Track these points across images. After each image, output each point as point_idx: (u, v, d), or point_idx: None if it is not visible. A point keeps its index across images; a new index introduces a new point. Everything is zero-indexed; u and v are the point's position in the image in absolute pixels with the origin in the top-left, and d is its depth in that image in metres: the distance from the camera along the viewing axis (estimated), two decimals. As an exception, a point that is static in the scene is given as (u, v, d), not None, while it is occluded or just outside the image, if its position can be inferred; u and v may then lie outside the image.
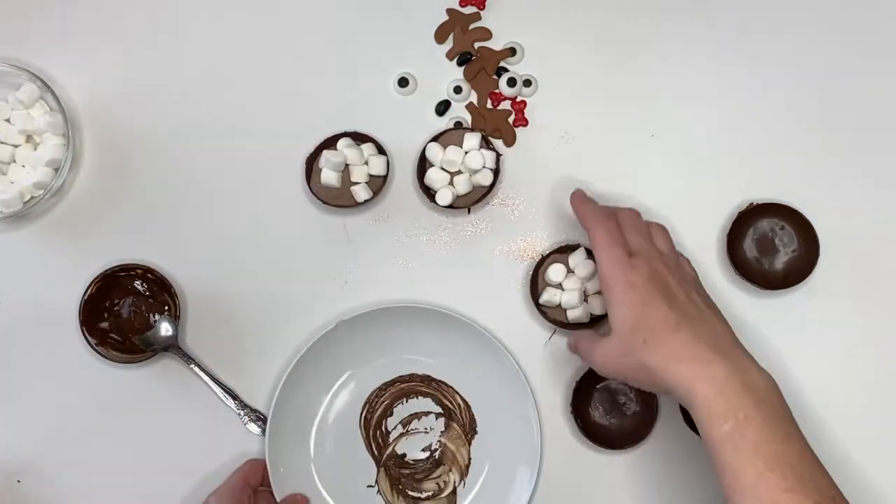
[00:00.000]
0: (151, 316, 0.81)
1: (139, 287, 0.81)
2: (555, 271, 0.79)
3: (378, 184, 0.80)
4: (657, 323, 0.66)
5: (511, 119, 0.82)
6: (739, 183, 0.82)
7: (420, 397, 0.81)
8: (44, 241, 0.82)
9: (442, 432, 0.80)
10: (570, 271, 0.79)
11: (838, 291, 0.81)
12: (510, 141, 0.82)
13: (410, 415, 0.80)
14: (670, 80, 0.83)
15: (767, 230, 0.80)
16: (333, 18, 0.83)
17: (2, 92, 0.81)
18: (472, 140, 0.79)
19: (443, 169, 0.79)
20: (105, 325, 0.81)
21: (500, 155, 0.81)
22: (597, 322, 0.79)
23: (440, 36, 0.83)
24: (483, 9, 0.83)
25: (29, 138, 0.81)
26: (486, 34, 0.83)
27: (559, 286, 0.79)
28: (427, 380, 0.81)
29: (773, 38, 0.83)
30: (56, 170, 0.79)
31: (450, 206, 0.79)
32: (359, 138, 0.81)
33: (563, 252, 0.80)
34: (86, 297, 0.79)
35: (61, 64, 0.83)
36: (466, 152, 0.79)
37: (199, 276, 0.82)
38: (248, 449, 0.81)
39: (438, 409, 0.80)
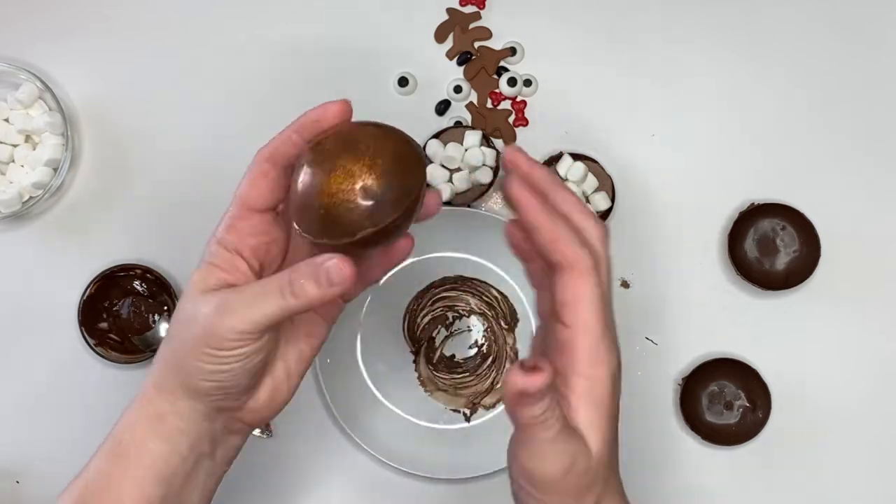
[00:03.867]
0: (151, 316, 0.81)
1: (138, 287, 0.81)
2: None
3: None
4: (613, 468, 0.53)
5: (511, 119, 0.82)
6: (740, 183, 0.82)
7: (457, 295, 0.81)
8: (43, 241, 0.82)
9: (486, 327, 0.81)
10: (563, 179, 0.79)
11: (839, 292, 0.81)
12: (510, 141, 0.82)
13: (446, 307, 0.81)
14: (671, 79, 0.83)
15: (768, 230, 0.80)
16: (333, 18, 0.83)
17: (1, 91, 0.80)
18: (472, 137, 0.79)
19: (442, 166, 0.79)
20: (104, 325, 0.81)
21: (501, 153, 0.81)
22: (603, 220, 0.79)
23: (440, 35, 0.83)
24: (483, 8, 0.83)
25: (28, 138, 0.80)
26: (486, 34, 0.83)
27: None
28: (460, 280, 0.81)
29: (775, 38, 0.83)
30: (55, 169, 0.79)
31: (448, 203, 0.79)
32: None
33: (548, 165, 0.80)
34: (85, 297, 0.79)
35: (60, 63, 0.82)
36: (466, 149, 0.79)
37: (199, 276, 0.82)
38: (247, 449, 0.80)
39: (476, 305, 0.81)
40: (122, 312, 0.81)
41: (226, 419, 0.58)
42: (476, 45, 0.83)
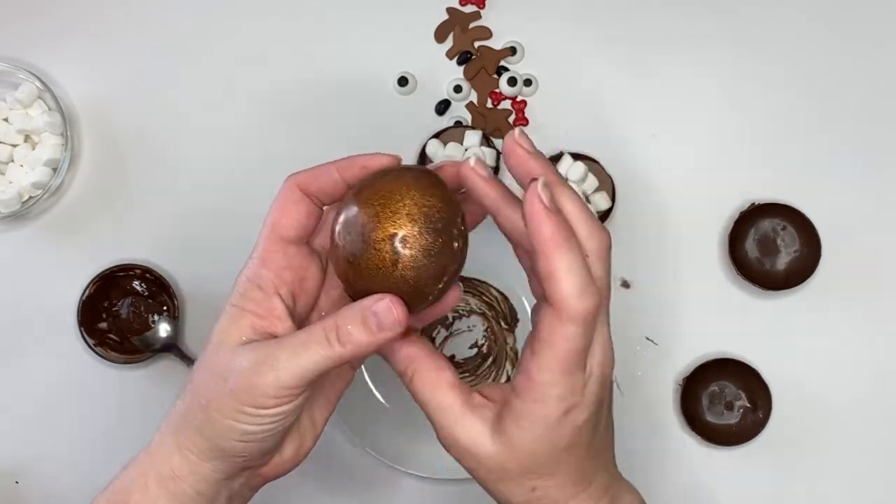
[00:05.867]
0: (150, 316, 0.81)
1: (138, 287, 0.81)
2: None
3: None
4: (564, 479, 0.50)
5: (511, 119, 0.82)
6: (741, 183, 0.82)
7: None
8: (42, 241, 0.82)
9: (486, 327, 0.81)
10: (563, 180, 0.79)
11: (840, 292, 0.81)
12: (510, 140, 0.82)
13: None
14: (671, 79, 0.83)
15: (769, 230, 0.80)
16: (333, 18, 0.83)
17: (0, 91, 0.80)
18: (472, 137, 0.79)
19: (442, 166, 0.79)
20: (104, 325, 0.81)
21: (501, 153, 0.81)
22: (603, 220, 0.79)
23: (440, 35, 0.83)
24: (483, 8, 0.83)
25: (27, 138, 0.80)
26: (486, 33, 0.82)
27: None
28: (460, 280, 0.81)
29: (775, 38, 0.83)
30: (54, 169, 0.79)
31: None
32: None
33: None
34: (84, 297, 0.79)
35: (60, 63, 0.82)
36: (466, 149, 0.79)
37: (199, 276, 0.82)
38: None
39: (477, 305, 0.81)
40: (121, 312, 0.81)
41: (248, 476, 0.54)
42: (476, 44, 0.83)
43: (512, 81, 0.81)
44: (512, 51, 0.82)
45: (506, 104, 0.82)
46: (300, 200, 0.53)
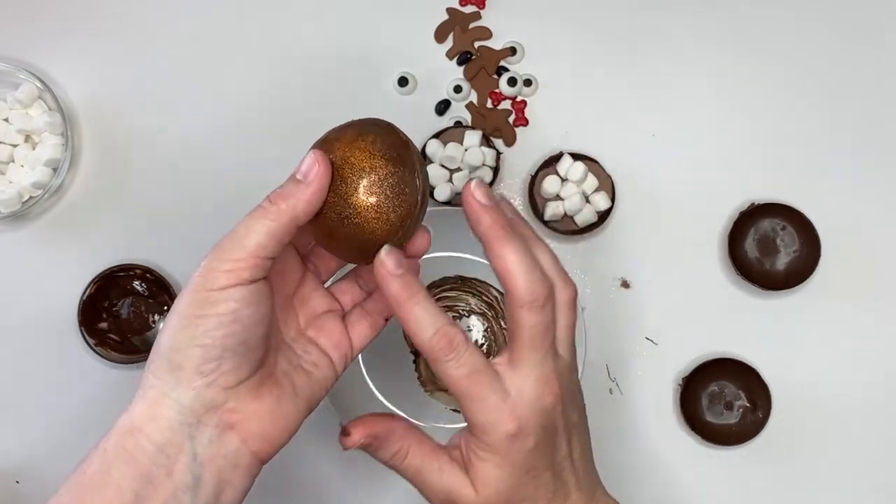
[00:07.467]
0: (151, 316, 0.81)
1: (138, 287, 0.81)
2: (549, 183, 0.79)
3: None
4: (538, 499, 0.55)
5: (511, 119, 0.82)
6: (741, 183, 0.82)
7: (457, 295, 0.81)
8: (42, 242, 0.82)
9: (486, 327, 0.81)
10: (563, 179, 0.79)
11: (840, 292, 0.81)
12: (510, 141, 0.82)
13: (446, 307, 0.81)
14: (671, 79, 0.83)
15: (769, 230, 0.80)
16: (333, 18, 0.83)
17: (0, 91, 0.80)
18: (472, 137, 0.79)
19: (442, 166, 0.79)
20: (104, 325, 0.81)
21: (501, 153, 0.81)
22: (603, 220, 0.79)
23: (440, 35, 0.83)
24: (483, 8, 0.83)
25: (27, 138, 0.80)
26: (486, 33, 0.83)
27: (557, 197, 0.79)
28: (460, 280, 0.81)
29: (775, 38, 0.83)
30: (54, 169, 0.79)
31: (448, 203, 0.79)
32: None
33: (548, 165, 0.80)
34: (85, 297, 0.79)
35: (60, 63, 0.82)
36: (466, 149, 0.79)
37: (199, 276, 0.82)
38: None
39: (476, 305, 0.81)
40: (121, 312, 0.81)
41: (218, 428, 0.51)
42: (476, 44, 0.83)
43: (512, 81, 0.81)
44: (512, 51, 0.82)
45: (506, 104, 0.82)
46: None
